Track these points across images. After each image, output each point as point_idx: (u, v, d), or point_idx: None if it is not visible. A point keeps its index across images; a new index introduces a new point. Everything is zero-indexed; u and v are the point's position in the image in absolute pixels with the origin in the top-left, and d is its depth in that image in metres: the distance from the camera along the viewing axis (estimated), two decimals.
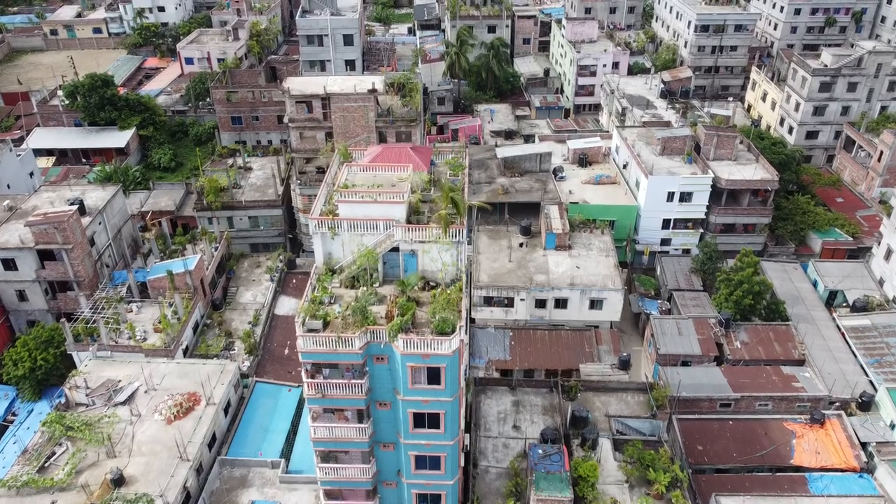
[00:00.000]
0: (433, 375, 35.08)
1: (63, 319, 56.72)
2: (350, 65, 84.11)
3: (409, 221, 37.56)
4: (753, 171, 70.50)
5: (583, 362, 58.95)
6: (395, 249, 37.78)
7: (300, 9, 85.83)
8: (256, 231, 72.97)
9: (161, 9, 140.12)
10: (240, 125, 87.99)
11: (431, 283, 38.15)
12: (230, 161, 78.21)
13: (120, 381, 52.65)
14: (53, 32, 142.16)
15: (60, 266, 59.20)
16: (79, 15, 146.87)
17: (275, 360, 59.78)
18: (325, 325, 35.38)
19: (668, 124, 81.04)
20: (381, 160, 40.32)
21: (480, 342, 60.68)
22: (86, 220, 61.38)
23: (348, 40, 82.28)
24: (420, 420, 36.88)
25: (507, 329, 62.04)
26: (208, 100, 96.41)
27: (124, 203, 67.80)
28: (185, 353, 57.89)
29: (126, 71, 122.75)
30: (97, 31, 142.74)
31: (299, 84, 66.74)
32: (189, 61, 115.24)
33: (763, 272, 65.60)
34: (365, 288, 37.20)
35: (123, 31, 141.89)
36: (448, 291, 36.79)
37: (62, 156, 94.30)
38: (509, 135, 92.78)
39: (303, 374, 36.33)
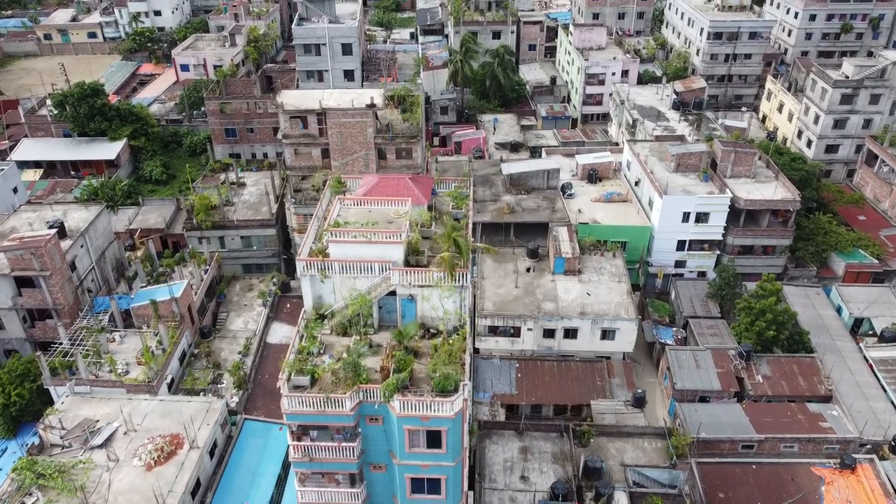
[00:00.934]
0: (433, 438, 31.47)
1: (39, 353, 53.12)
2: (349, 75, 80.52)
3: (407, 262, 33.93)
4: (774, 190, 66.72)
5: (594, 398, 55.29)
6: (393, 293, 34.10)
7: (297, 16, 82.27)
8: (249, 251, 69.38)
9: (157, 13, 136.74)
10: (234, 137, 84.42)
11: (432, 331, 34.47)
12: (222, 177, 74.59)
13: (98, 420, 48.98)
14: (47, 37, 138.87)
15: (38, 293, 55.67)
16: (74, 19, 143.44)
17: (265, 393, 56.11)
18: (314, 381, 31.70)
19: (681, 138, 77.26)
20: (376, 193, 36.68)
21: (485, 375, 57.05)
22: (66, 244, 57.82)
23: (347, 49, 78.67)
24: (419, 485, 33.25)
25: (514, 360, 58.41)
26: (203, 109, 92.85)
27: (109, 223, 64.21)
28: (171, 387, 54.30)
29: (120, 77, 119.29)
30: (92, 35, 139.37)
31: (294, 98, 63.14)
32: (184, 68, 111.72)
33: (784, 298, 61.82)
34: (358, 337, 33.52)
35: (119, 35, 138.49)
36: (450, 341, 33.11)
37: (50, 168, 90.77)
38: (515, 147, 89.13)
39: (288, 435, 32.70)
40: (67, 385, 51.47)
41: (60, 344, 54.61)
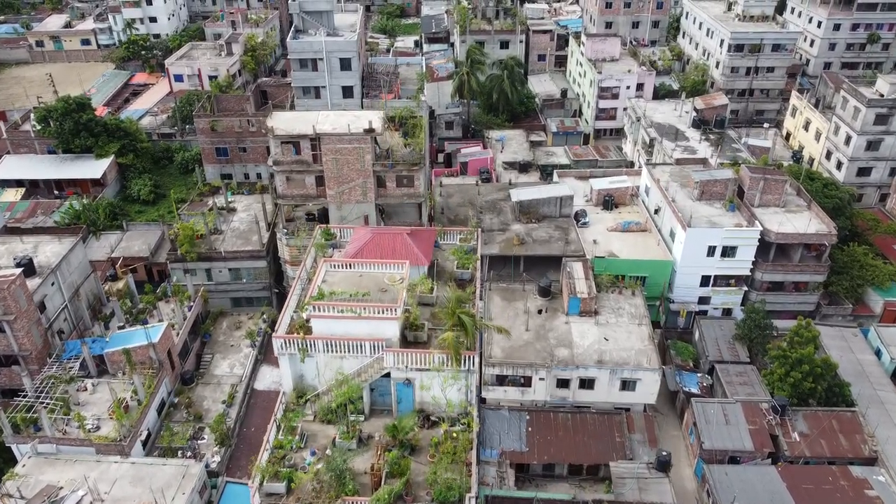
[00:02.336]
0: None
1: (0, 409, 48.12)
2: (347, 91, 75.41)
3: (404, 338, 28.80)
4: (808, 222, 61.29)
5: (613, 458, 49.99)
6: (387, 374, 28.94)
7: (292, 28, 77.12)
8: (238, 284, 64.33)
9: (153, 19, 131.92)
10: (225, 157, 79.41)
11: (433, 418, 29.32)
12: (210, 202, 69.52)
13: (61, 487, 44.10)
14: (39, 44, 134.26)
15: (2, 338, 50.72)
16: (67, 25, 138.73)
17: (251, 448, 50.84)
18: (290, 488, 26.58)
19: (704, 161, 71.90)
20: (369, 253, 31.64)
21: (492, 428, 51.76)
22: (35, 282, 52.92)
23: (345, 65, 73.57)
24: None
25: (524, 412, 53.16)
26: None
27: (84, 256, 59.25)
28: (146, 443, 49.27)
29: (111, 88, 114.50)
30: (85, 42, 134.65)
31: (285, 122, 58.05)
32: (178, 78, 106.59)
33: (819, 342, 56.38)
34: (344, 428, 28.37)
35: (114, 42, 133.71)
36: (455, 434, 27.93)
37: (33, 187, 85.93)
38: (524, 167, 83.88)
39: None
40: (30, 445, 46.54)
41: (24, 396, 49.62)
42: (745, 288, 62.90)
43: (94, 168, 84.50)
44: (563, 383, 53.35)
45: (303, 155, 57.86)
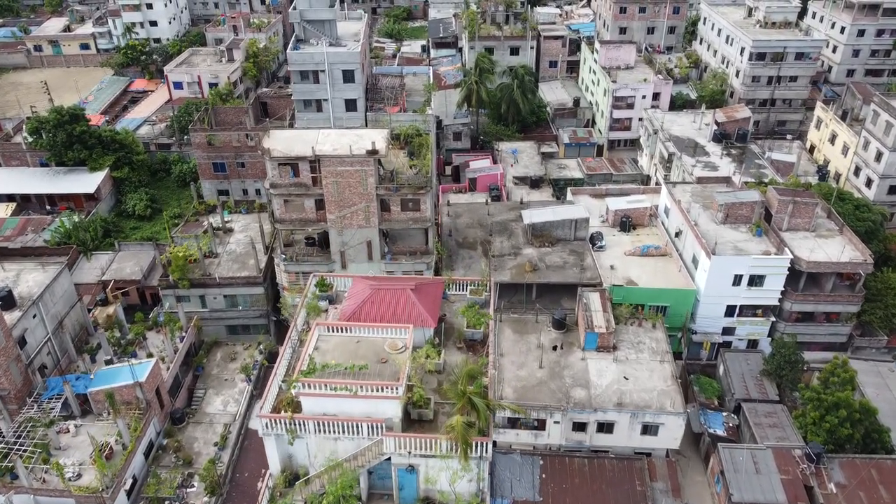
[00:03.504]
0: None
1: None
2: (350, 105, 71.75)
3: (407, 415, 25.13)
4: (840, 248, 57.32)
5: None
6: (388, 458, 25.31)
7: (293, 38, 73.48)
8: (234, 311, 60.87)
9: (153, 23, 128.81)
10: (223, 172, 76.01)
11: None
12: (206, 222, 66.00)
13: None
14: (37, 48, 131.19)
15: None
16: (67, 28, 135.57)
17: (244, 496, 47.58)
18: None
19: (727, 180, 67.91)
20: (368, 312, 28.02)
21: (503, 475, 47.98)
22: (14, 316, 49.53)
23: (349, 77, 69.92)
24: None
25: (537, 456, 49.43)
26: None
27: (70, 284, 55.85)
28: (131, 492, 45.83)
29: (110, 94, 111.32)
30: (84, 47, 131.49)
31: (283, 142, 54.45)
32: (178, 86, 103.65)
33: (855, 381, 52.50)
34: None
35: (113, 46, 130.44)
36: None
37: (25, 200, 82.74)
38: (535, 183, 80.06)
39: None
40: (5, 497, 43.16)
41: (3, 438, 46.26)
42: (773, 318, 58.97)
43: (87, 182, 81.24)
44: (580, 426, 49.56)
45: (301, 177, 54.28)
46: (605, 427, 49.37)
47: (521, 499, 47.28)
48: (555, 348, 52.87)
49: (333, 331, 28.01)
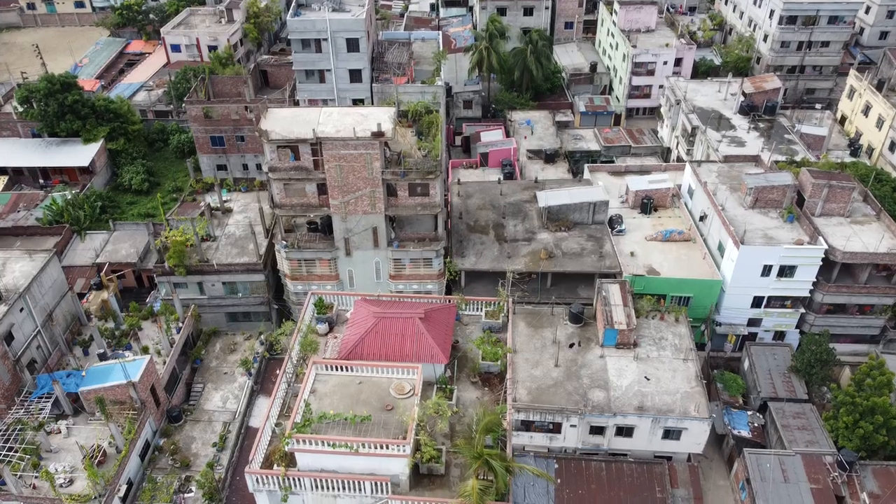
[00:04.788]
0: None
1: None
2: (355, 76, 67.41)
3: (415, 468, 22.19)
4: (880, 238, 53.56)
5: None
6: None
7: (294, 3, 68.73)
8: (234, 299, 58.02)
9: None
10: (221, 146, 72.24)
11: None
12: (203, 202, 62.66)
13: None
14: (30, 6, 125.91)
15: None
16: None
17: (245, 501, 45.33)
18: None
19: (756, 159, 63.73)
20: (371, 348, 24.76)
21: (517, 480, 45.62)
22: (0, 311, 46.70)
23: (353, 45, 65.39)
24: None
25: (552, 459, 46.95)
26: None
27: (59, 273, 52.90)
28: (126, 497, 43.66)
29: (105, 57, 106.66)
30: (79, 5, 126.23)
31: (282, 122, 50.61)
32: (175, 48, 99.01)
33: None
34: None
35: (108, 4, 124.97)
36: None
37: (17, 174, 79.41)
38: (550, 157, 76.03)
39: None
40: None
41: None
42: (802, 310, 55.66)
43: (81, 154, 77.68)
44: (598, 430, 46.96)
45: (302, 161, 50.65)
46: (624, 431, 46.75)
47: None
48: (571, 346, 49.91)
49: (332, 369, 25.07)
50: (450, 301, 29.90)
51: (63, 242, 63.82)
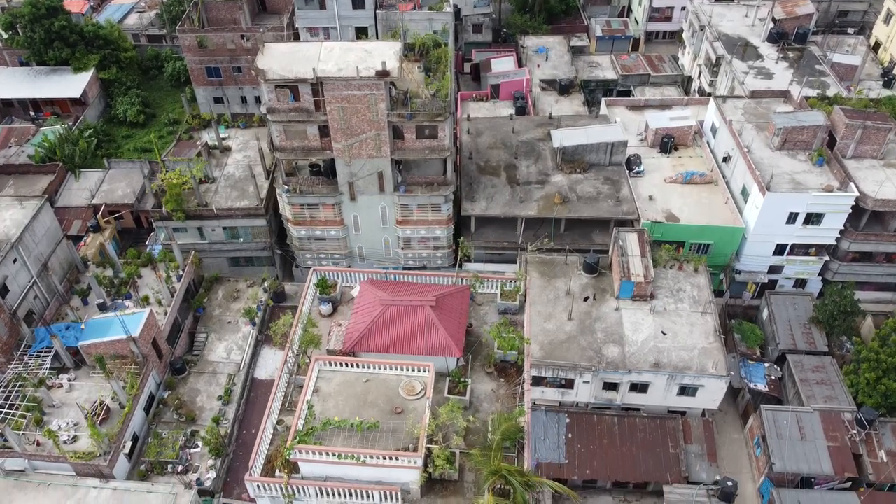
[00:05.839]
0: None
1: None
2: (357, 1, 62.77)
3: (428, 475, 20.70)
4: None
5: (666, 478, 43.30)
6: None
7: None
8: (236, 243, 56.09)
9: None
10: (217, 78, 68.49)
11: None
12: (200, 141, 59.74)
13: None
14: None
15: None
16: None
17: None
18: None
19: (785, 95, 59.89)
20: (378, 339, 22.80)
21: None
22: None
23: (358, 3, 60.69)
24: None
25: (563, 413, 46.09)
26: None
27: (53, 220, 50.74)
28: (132, 452, 43.10)
29: None
30: None
31: (280, 60, 47.00)
32: None
33: None
34: None
35: None
36: None
37: (7, 105, 76.09)
38: (565, 88, 72.01)
39: None
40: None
41: None
42: (826, 257, 53.41)
43: (72, 85, 74.14)
44: (611, 386, 45.82)
45: (302, 102, 47.44)
46: (638, 387, 45.61)
47: (545, 460, 44.42)
48: (586, 299, 48.09)
49: (336, 366, 23.23)
50: (462, 281, 27.87)
51: (57, 182, 61.46)
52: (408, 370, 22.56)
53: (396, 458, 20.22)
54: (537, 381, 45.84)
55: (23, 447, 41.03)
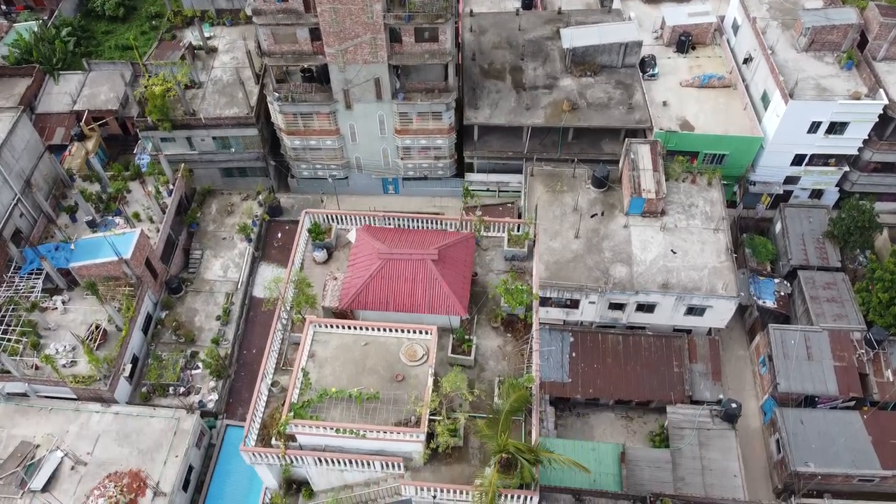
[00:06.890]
0: None
1: None
2: None
3: (430, 446, 19.77)
4: None
5: (670, 397, 43.27)
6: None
7: None
8: (227, 154, 53.51)
9: None
10: None
11: None
12: (183, 42, 55.71)
13: (38, 445, 38.63)
14: None
15: None
16: None
17: (253, 377, 44.19)
18: None
19: None
20: (376, 297, 21.17)
21: None
22: None
23: None
24: None
25: (567, 332, 45.52)
26: None
27: (32, 133, 48.02)
28: (133, 373, 42.80)
29: None
30: None
31: None
32: None
33: None
34: None
35: None
36: None
37: None
38: None
39: None
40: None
41: None
42: (846, 168, 50.99)
43: None
44: (617, 306, 44.87)
45: (291, 2, 43.47)
46: (645, 307, 44.65)
47: (548, 379, 44.32)
48: (593, 216, 46.20)
49: (332, 328, 21.75)
50: (467, 226, 25.92)
51: (35, 86, 57.88)
52: (409, 332, 21.23)
53: (396, 432, 19.26)
54: (542, 302, 44.79)
55: (21, 372, 40.61)
